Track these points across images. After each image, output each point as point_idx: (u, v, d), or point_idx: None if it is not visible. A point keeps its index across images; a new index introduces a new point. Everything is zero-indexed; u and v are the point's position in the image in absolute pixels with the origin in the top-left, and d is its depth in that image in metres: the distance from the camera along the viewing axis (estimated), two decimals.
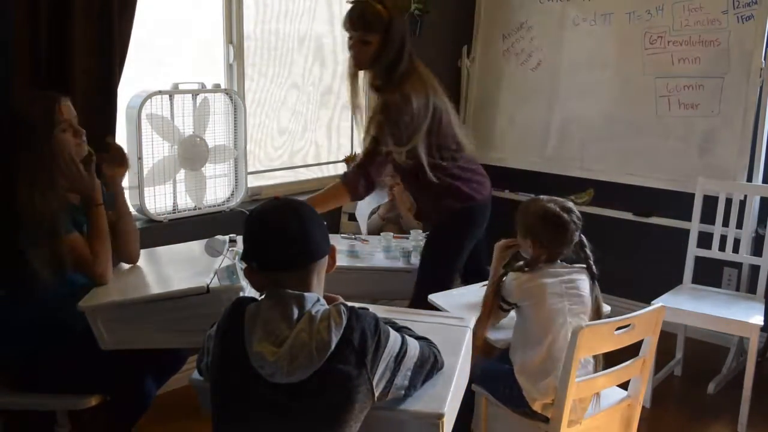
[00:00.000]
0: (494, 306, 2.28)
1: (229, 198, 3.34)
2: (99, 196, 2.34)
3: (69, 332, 2.23)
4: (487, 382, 2.33)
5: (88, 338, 2.17)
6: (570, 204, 2.27)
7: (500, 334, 2.36)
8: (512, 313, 2.32)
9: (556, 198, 2.30)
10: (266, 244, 1.52)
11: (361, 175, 2.65)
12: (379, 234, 3.29)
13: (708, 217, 3.33)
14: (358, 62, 2.69)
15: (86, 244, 2.27)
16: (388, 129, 2.60)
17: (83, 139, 2.29)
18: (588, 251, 2.28)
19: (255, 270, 1.54)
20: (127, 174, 2.53)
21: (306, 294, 1.50)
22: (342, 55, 3.92)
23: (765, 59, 3.26)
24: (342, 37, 3.88)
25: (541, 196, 2.32)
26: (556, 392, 2.07)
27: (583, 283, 2.25)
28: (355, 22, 2.60)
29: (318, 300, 1.52)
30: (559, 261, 2.27)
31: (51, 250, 2.16)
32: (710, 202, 3.34)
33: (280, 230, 1.51)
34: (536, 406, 2.16)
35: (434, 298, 2.60)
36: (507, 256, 2.34)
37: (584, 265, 2.27)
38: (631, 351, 2.17)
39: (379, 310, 1.99)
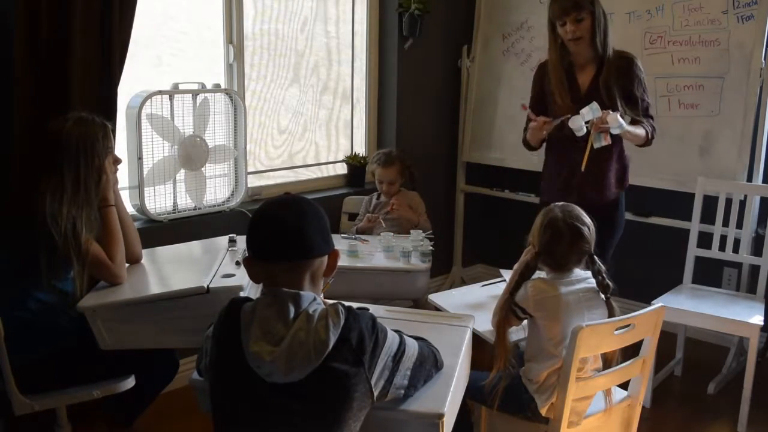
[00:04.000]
0: (509, 312, 2.15)
1: (229, 198, 3.34)
2: (111, 197, 2.35)
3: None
4: (481, 395, 2.24)
5: None
6: (583, 215, 2.16)
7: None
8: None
9: (572, 206, 2.19)
10: (261, 233, 1.54)
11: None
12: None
13: (708, 217, 3.33)
14: (578, 40, 2.84)
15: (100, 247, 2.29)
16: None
17: (119, 166, 2.44)
18: (598, 266, 2.15)
19: (251, 259, 1.55)
20: (126, 174, 2.54)
21: (302, 293, 1.50)
22: (343, 55, 3.93)
23: (765, 59, 3.26)
24: (343, 37, 3.89)
25: (559, 203, 2.22)
26: (557, 392, 2.07)
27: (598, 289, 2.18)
28: (567, 7, 2.81)
29: (314, 299, 1.52)
30: (574, 271, 2.17)
31: (78, 259, 2.21)
32: (710, 202, 3.34)
33: (276, 221, 1.53)
34: (543, 410, 2.15)
35: (434, 298, 2.60)
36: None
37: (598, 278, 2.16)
38: (631, 351, 2.17)
39: (380, 311, 1.99)
